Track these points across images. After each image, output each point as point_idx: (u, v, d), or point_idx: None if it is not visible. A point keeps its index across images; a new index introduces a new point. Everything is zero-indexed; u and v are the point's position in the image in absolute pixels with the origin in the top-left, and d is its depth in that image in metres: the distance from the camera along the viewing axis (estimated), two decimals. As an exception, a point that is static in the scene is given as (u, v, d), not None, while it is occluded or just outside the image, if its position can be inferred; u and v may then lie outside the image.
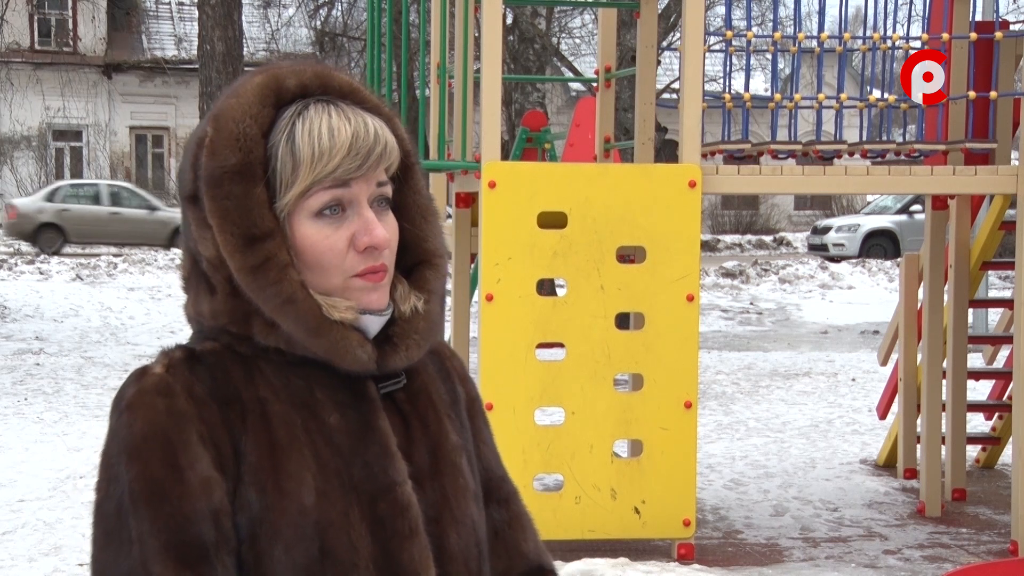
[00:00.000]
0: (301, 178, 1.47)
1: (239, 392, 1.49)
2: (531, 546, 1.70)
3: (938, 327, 6.95)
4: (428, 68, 6.85)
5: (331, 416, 1.51)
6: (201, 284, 1.52)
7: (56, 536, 6.27)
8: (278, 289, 1.46)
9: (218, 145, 1.48)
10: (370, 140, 1.49)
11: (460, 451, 1.61)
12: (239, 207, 1.47)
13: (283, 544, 1.45)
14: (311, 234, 1.49)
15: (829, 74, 8.33)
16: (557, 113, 28.80)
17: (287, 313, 1.47)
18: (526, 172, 5.96)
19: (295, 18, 29.89)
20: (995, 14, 10.23)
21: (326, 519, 1.46)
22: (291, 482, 1.46)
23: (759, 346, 14.82)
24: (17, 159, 32.18)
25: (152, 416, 1.44)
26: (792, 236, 30.71)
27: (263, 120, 1.49)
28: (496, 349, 5.73)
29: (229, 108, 1.50)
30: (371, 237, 1.48)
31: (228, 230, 1.46)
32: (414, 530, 1.51)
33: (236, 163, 1.47)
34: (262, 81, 1.51)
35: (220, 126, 1.49)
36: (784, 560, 6.03)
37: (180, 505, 1.42)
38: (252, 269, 1.46)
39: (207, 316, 1.52)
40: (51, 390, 10.80)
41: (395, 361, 1.54)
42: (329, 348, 1.48)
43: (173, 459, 1.43)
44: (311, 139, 1.47)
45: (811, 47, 6.47)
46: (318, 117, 1.49)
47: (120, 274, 18.66)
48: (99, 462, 1.49)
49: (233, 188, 1.47)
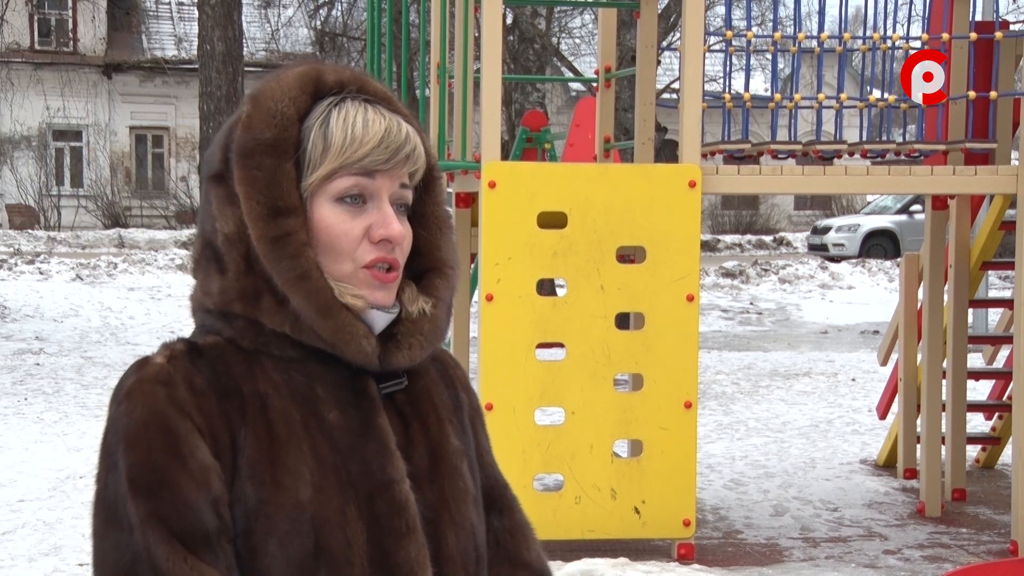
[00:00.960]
0: (329, 160, 1.51)
1: (239, 385, 1.49)
2: (533, 555, 1.71)
3: (938, 327, 6.95)
4: (428, 68, 6.85)
5: (331, 413, 1.51)
6: (212, 264, 1.53)
7: (56, 536, 6.27)
8: (295, 263, 1.48)
9: (255, 120, 1.51)
10: (401, 138, 1.53)
11: (461, 455, 1.62)
12: (268, 178, 1.50)
13: (278, 539, 1.45)
14: (329, 216, 1.51)
15: (829, 74, 8.34)
16: (557, 113, 28.80)
17: (300, 288, 1.48)
18: (526, 172, 5.96)
19: (295, 18, 29.91)
20: (995, 14, 10.23)
21: (322, 515, 1.46)
22: (288, 477, 1.46)
23: (759, 346, 14.82)
24: (17, 159, 32.15)
25: (152, 404, 1.45)
26: (792, 236, 30.68)
27: (300, 104, 1.53)
28: (496, 349, 5.73)
29: (269, 89, 1.54)
30: (387, 229, 1.51)
31: (255, 198, 1.49)
32: (411, 528, 1.51)
33: (270, 137, 1.50)
34: (304, 71, 1.56)
35: (258, 103, 1.53)
36: (784, 560, 6.03)
37: (181, 491, 1.42)
38: (273, 240, 1.48)
39: (215, 294, 1.53)
40: (51, 390, 10.80)
41: (398, 359, 1.55)
42: (335, 331, 1.49)
43: (174, 446, 1.44)
44: (345, 125, 1.52)
45: (811, 47, 6.47)
46: (354, 109, 1.53)
47: (120, 274, 18.65)
48: (99, 452, 1.49)
49: (264, 160, 1.50)
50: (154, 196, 32.67)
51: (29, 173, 31.83)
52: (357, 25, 25.02)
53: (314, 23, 28.53)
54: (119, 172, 33.52)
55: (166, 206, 31.76)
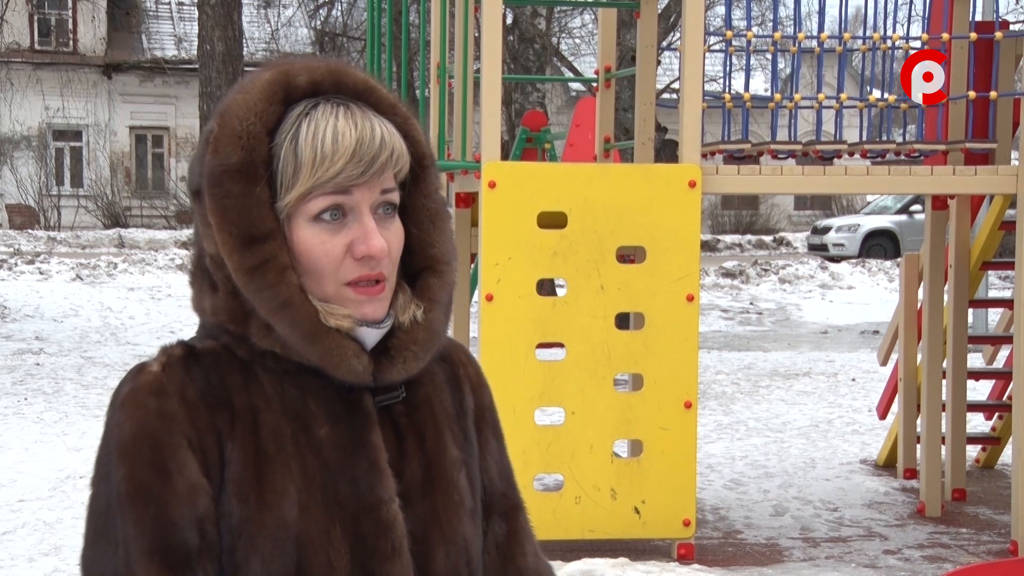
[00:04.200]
0: (301, 181, 1.44)
1: (231, 398, 1.47)
2: (530, 560, 1.68)
3: (938, 327, 6.95)
4: (428, 68, 6.85)
5: (322, 428, 1.48)
6: (204, 280, 1.51)
7: (56, 536, 6.27)
8: (275, 292, 1.44)
9: (221, 142, 1.45)
10: (375, 147, 1.45)
11: (459, 466, 1.58)
12: (238, 206, 1.44)
13: (260, 557, 1.43)
14: (308, 238, 1.46)
15: (829, 74, 8.34)
16: (557, 113, 28.80)
17: (283, 317, 1.44)
18: (526, 172, 5.96)
19: (295, 18, 29.92)
20: (995, 14, 10.24)
21: (306, 535, 1.44)
22: (274, 495, 1.44)
23: (759, 346, 14.82)
24: (17, 159, 32.15)
25: (143, 417, 1.43)
26: (792, 236, 30.69)
27: (269, 118, 1.46)
28: (496, 349, 5.73)
29: (235, 105, 1.47)
30: (368, 247, 1.45)
31: (227, 229, 1.44)
32: (396, 550, 1.48)
33: (237, 161, 1.44)
34: (271, 78, 1.48)
35: (224, 122, 1.46)
36: (784, 560, 6.03)
37: (166, 509, 1.41)
38: (250, 270, 1.44)
39: (208, 312, 1.51)
40: (51, 390, 10.80)
41: (392, 374, 1.51)
42: (323, 355, 1.46)
43: (161, 462, 1.42)
44: (314, 142, 1.44)
45: (811, 47, 6.47)
46: (324, 119, 1.45)
47: (120, 274, 18.64)
48: (95, 459, 1.49)
49: (233, 187, 1.44)
50: (154, 196, 32.68)
51: (29, 173, 31.84)
52: (357, 25, 25.03)
53: (314, 23, 28.55)
54: (119, 172, 33.52)
55: (166, 206, 31.77)
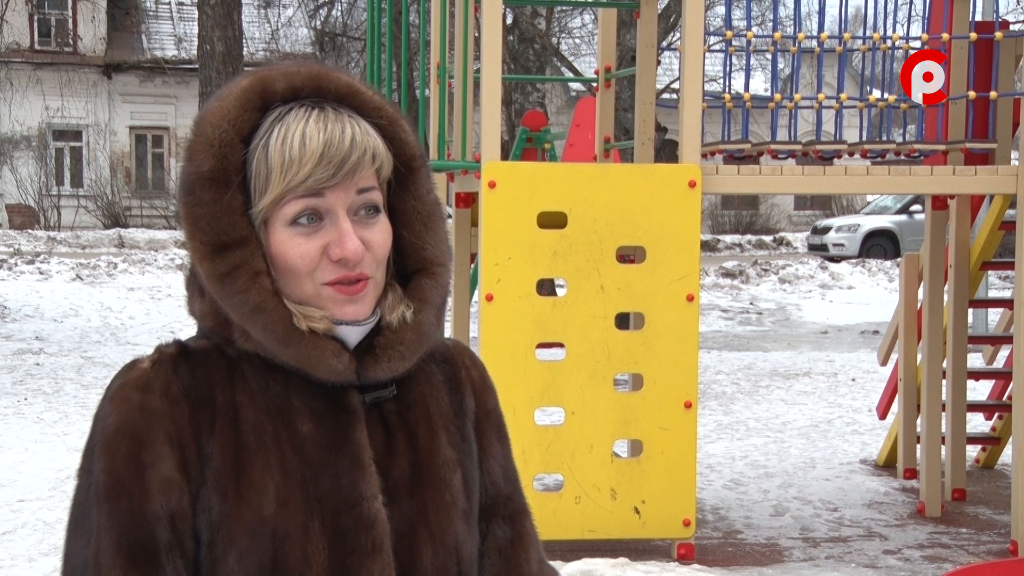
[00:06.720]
0: (272, 187, 1.45)
1: (214, 394, 1.47)
2: (534, 567, 1.66)
3: (938, 327, 6.95)
4: (428, 68, 6.85)
5: (305, 425, 1.48)
6: (195, 284, 1.53)
7: (56, 536, 6.27)
8: (245, 298, 1.45)
9: (194, 149, 1.47)
10: (344, 148, 1.44)
11: (452, 466, 1.57)
12: (209, 214, 1.45)
13: (237, 552, 1.43)
14: (283, 241, 1.46)
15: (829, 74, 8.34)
16: (557, 113, 28.82)
17: (255, 322, 1.45)
18: (526, 172, 5.96)
19: (295, 18, 29.91)
20: (995, 14, 10.24)
21: (283, 530, 1.44)
22: (252, 490, 1.44)
23: (759, 346, 14.82)
24: (17, 159, 32.15)
25: (125, 411, 1.45)
26: (792, 236, 30.70)
27: (243, 124, 1.47)
28: (496, 349, 5.73)
29: (210, 112, 1.48)
30: (342, 249, 1.45)
31: (198, 237, 1.46)
32: (377, 547, 1.47)
33: (209, 169, 1.46)
34: (247, 84, 1.49)
35: (199, 131, 1.48)
36: (784, 560, 6.03)
37: (137, 503, 1.42)
38: (220, 277, 1.45)
39: (198, 316, 1.53)
40: (51, 390, 10.80)
41: (376, 372, 1.50)
42: (299, 357, 1.46)
43: (137, 456, 1.43)
44: (283, 147, 1.45)
45: (811, 47, 6.46)
46: (296, 123, 1.46)
47: (120, 274, 18.64)
48: (83, 449, 1.51)
49: (204, 195, 1.45)
50: (154, 196, 32.68)
51: (29, 173, 31.84)
52: (357, 25, 25.04)
53: (314, 23, 28.55)
54: (119, 172, 33.53)
55: (166, 206, 31.76)
